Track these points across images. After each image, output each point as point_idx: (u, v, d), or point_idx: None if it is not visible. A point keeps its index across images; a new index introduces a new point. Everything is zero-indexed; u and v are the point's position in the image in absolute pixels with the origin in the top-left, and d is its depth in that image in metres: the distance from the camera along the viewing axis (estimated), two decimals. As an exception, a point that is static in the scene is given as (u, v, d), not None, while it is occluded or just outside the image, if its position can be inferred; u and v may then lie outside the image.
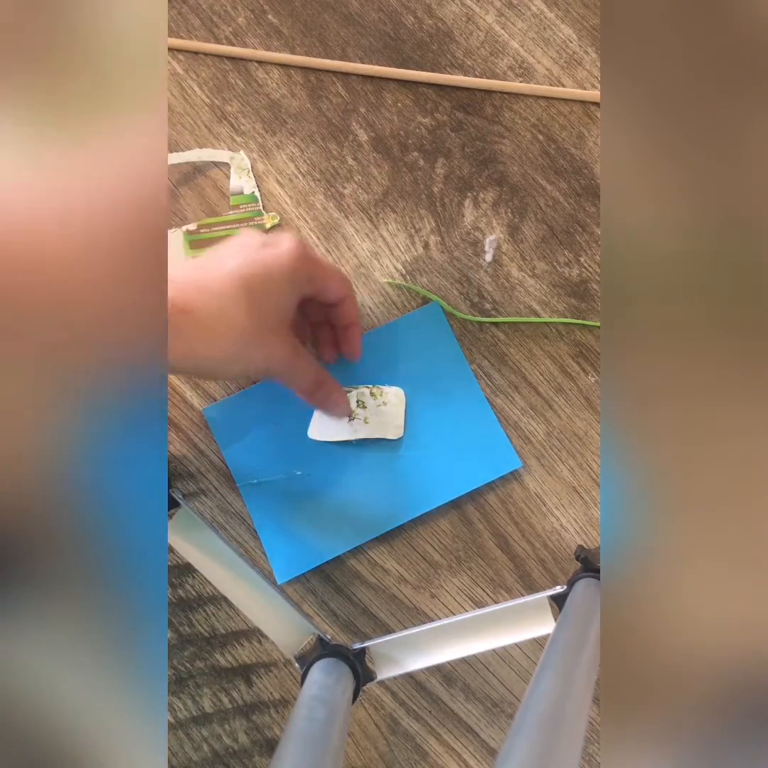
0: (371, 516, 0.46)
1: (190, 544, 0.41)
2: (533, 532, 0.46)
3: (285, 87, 0.51)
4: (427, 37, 0.51)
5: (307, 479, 0.46)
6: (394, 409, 0.47)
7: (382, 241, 0.49)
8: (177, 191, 0.50)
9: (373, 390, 0.47)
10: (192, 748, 0.45)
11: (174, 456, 0.47)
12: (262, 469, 0.46)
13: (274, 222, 0.49)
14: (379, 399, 0.47)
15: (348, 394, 0.47)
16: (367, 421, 0.46)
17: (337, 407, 0.45)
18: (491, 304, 0.48)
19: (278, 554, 0.46)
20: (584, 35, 0.51)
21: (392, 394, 0.47)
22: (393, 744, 0.45)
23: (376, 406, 0.47)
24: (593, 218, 0.49)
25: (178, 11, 0.52)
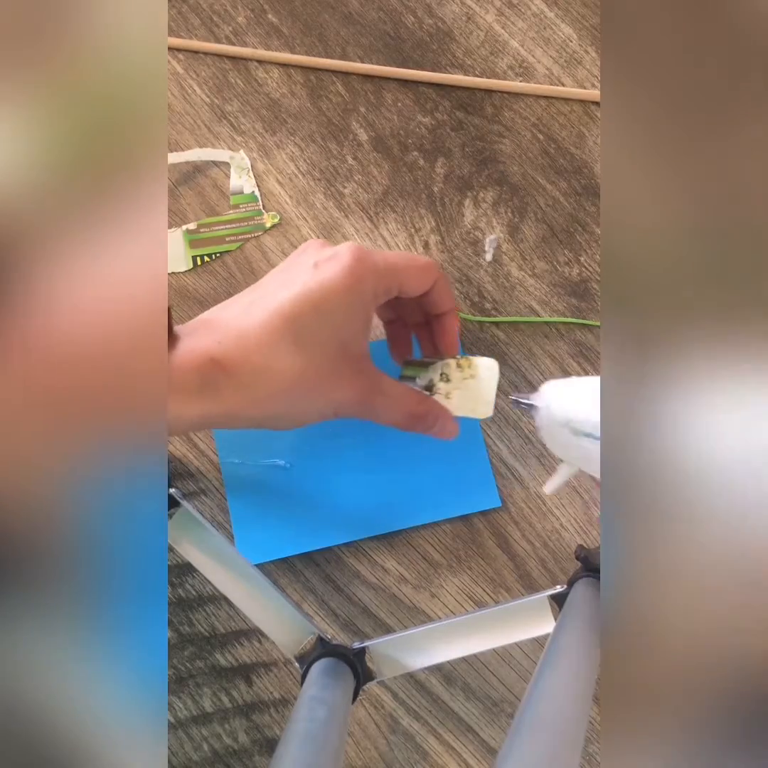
0: (345, 520, 0.46)
1: (190, 544, 0.41)
2: (533, 531, 0.46)
3: (285, 86, 0.51)
4: (427, 36, 0.51)
5: (290, 471, 0.46)
6: (485, 384, 0.41)
7: (382, 240, 0.49)
8: (177, 191, 0.50)
9: (460, 361, 0.41)
10: (192, 747, 0.45)
11: (174, 456, 0.47)
12: (247, 451, 0.46)
13: (274, 221, 0.49)
14: (466, 371, 0.41)
15: (431, 366, 0.42)
16: (449, 397, 0.41)
17: (444, 434, 0.41)
18: (491, 304, 0.48)
19: (245, 538, 0.46)
20: (584, 35, 0.51)
21: (484, 366, 0.41)
22: (393, 744, 0.45)
23: (462, 379, 0.41)
24: (593, 218, 0.49)
25: (178, 11, 0.52)
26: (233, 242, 0.49)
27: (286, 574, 0.46)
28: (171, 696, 0.45)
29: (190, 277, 0.49)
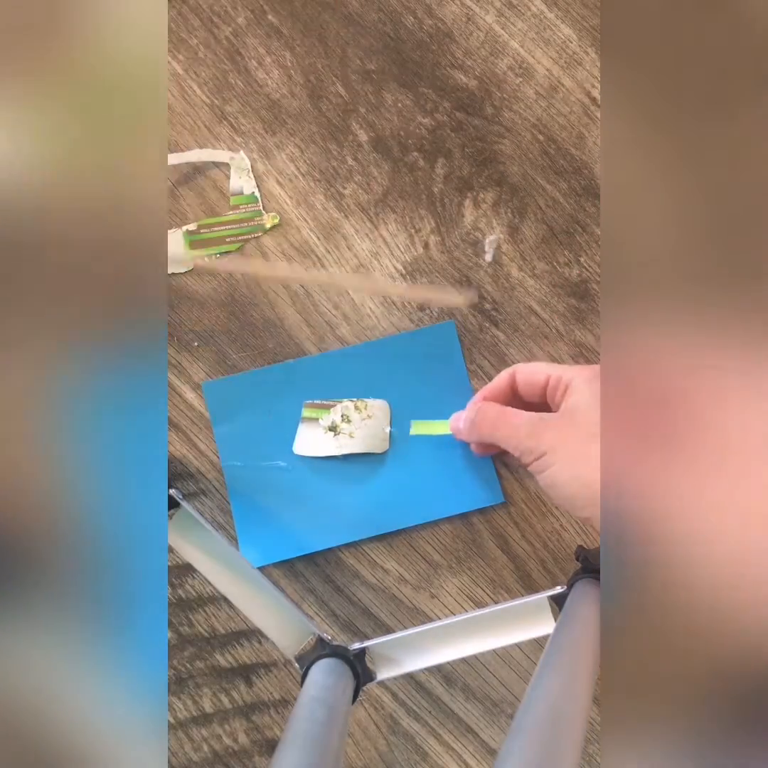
0: (346, 521, 0.46)
1: (190, 544, 0.41)
2: (533, 532, 0.46)
3: (285, 87, 0.51)
4: (427, 37, 0.51)
5: (291, 473, 0.46)
6: (380, 422, 0.46)
7: (382, 241, 0.49)
8: (177, 191, 0.50)
9: (357, 403, 0.46)
10: (192, 748, 0.45)
11: (174, 456, 0.47)
12: (248, 454, 0.47)
13: (274, 222, 0.49)
14: (363, 412, 0.46)
15: (331, 408, 0.46)
16: (352, 436, 0.46)
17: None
18: (491, 304, 0.48)
19: (248, 540, 0.46)
20: (584, 35, 0.51)
21: (377, 407, 0.46)
22: (393, 744, 0.45)
23: (361, 420, 0.46)
24: (593, 218, 0.49)
25: (178, 11, 0.52)
26: (233, 243, 0.49)
27: (286, 574, 0.46)
28: (171, 696, 0.45)
29: (190, 277, 0.49)
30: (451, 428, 0.45)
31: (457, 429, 0.45)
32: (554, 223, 0.49)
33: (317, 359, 0.48)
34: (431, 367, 0.47)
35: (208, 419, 0.47)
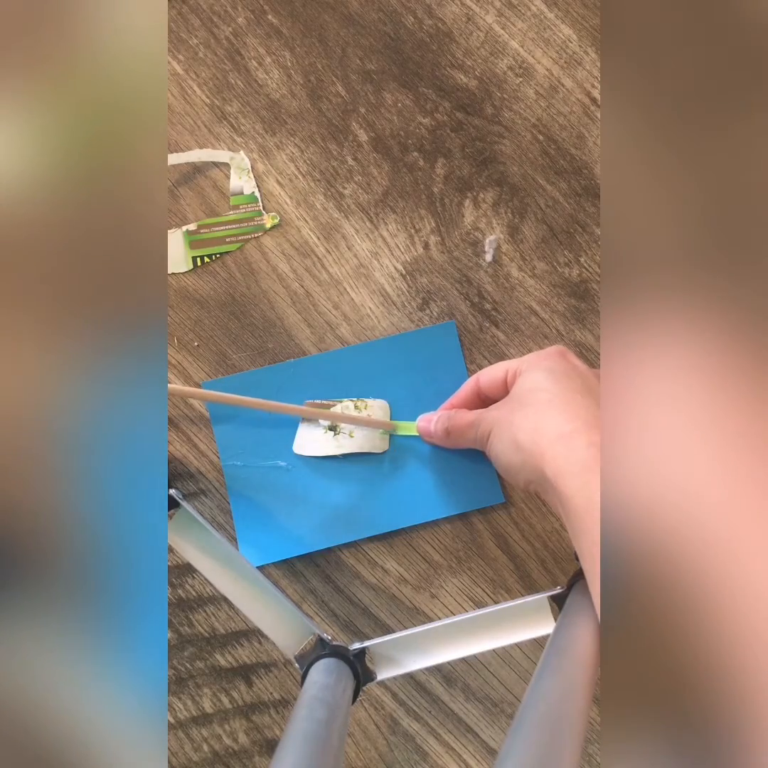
0: (346, 520, 0.46)
1: (190, 544, 0.41)
2: (533, 532, 0.46)
3: (285, 87, 0.51)
4: (427, 37, 0.51)
5: (290, 472, 0.46)
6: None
7: (382, 241, 0.49)
8: (177, 191, 0.50)
9: (357, 403, 0.46)
10: (192, 748, 0.45)
11: (174, 456, 0.47)
12: (248, 453, 0.47)
13: (274, 222, 0.49)
14: (363, 412, 0.46)
15: (331, 408, 0.46)
16: (352, 435, 0.46)
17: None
18: (491, 305, 0.48)
19: (248, 540, 0.46)
20: (584, 35, 0.51)
21: (377, 407, 0.46)
22: (393, 744, 0.45)
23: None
24: (593, 218, 0.49)
25: (178, 11, 0.52)
26: (233, 243, 0.49)
27: (286, 574, 0.46)
28: (171, 696, 0.45)
29: (190, 277, 0.49)
30: (419, 429, 0.46)
31: (426, 431, 0.45)
32: (554, 223, 0.49)
33: (317, 359, 0.48)
34: (431, 367, 0.47)
35: (208, 419, 0.47)
